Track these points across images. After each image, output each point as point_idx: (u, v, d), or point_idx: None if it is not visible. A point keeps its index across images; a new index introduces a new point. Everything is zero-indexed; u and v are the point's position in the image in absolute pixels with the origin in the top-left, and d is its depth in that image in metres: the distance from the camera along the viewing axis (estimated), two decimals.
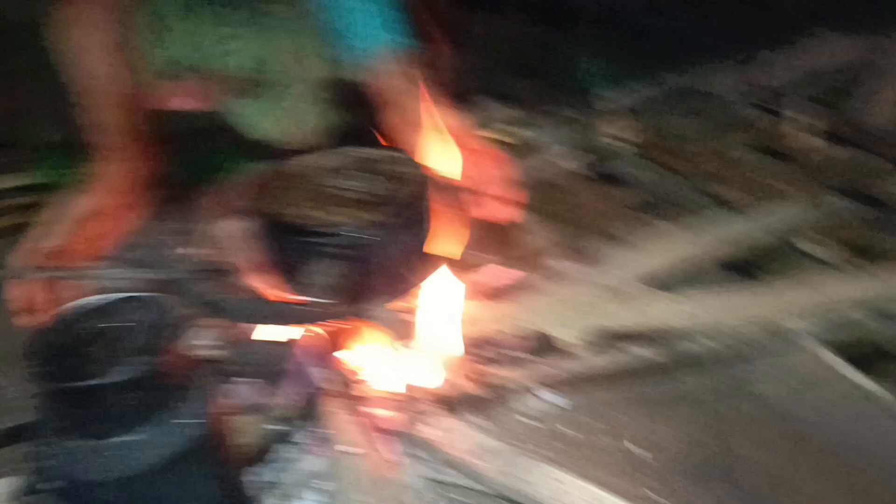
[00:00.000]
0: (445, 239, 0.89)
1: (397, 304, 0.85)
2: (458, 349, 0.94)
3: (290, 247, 0.78)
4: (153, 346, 0.64)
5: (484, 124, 1.63)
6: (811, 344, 1.03)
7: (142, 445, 0.64)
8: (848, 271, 1.17)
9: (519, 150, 1.50)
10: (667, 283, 1.14)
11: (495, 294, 1.06)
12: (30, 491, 0.65)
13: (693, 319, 1.01)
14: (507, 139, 1.57)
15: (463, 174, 0.98)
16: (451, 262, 0.91)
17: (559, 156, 1.53)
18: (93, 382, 0.61)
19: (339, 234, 0.76)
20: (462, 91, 1.90)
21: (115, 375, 0.62)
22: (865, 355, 1.07)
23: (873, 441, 0.93)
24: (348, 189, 0.82)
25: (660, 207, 1.51)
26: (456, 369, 0.91)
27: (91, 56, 1.06)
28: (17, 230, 1.29)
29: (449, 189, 0.89)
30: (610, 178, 1.61)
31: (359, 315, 0.81)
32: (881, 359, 1.08)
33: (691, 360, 1.00)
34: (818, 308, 1.05)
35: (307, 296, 0.72)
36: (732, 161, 1.66)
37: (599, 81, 1.93)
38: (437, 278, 0.88)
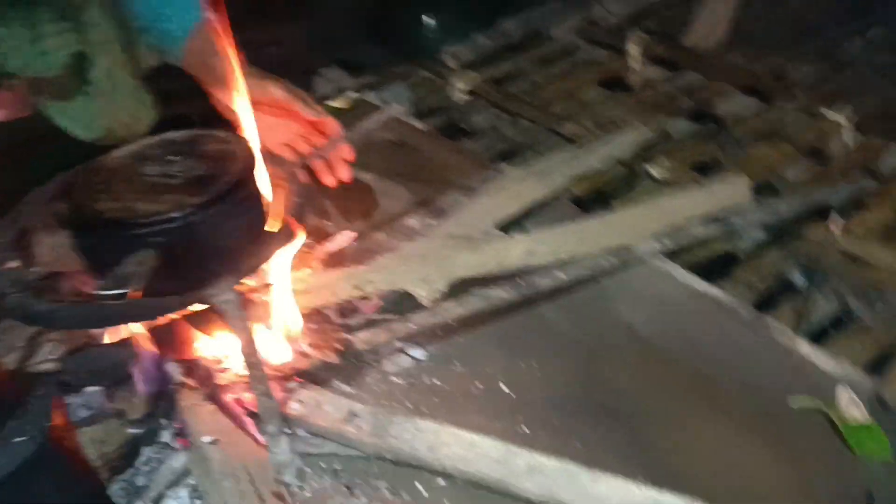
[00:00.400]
0: (287, 212, 0.88)
1: (245, 284, 0.83)
2: (317, 320, 0.94)
3: (117, 242, 0.74)
4: None
5: (332, 93, 1.61)
6: (662, 262, 1.07)
7: None
8: (690, 188, 1.22)
9: (367, 115, 1.48)
10: (522, 226, 1.16)
11: (351, 259, 1.05)
12: None
13: (549, 256, 1.03)
14: (353, 106, 1.55)
15: (295, 143, 0.97)
16: (300, 234, 0.89)
17: (409, 116, 1.53)
18: None
19: (160, 222, 0.73)
20: (309, 63, 1.87)
21: None
22: (712, 265, 1.13)
23: (727, 347, 0.98)
24: (172, 175, 0.79)
25: (512, 154, 1.54)
26: (317, 340, 0.90)
27: None
28: None
29: (281, 161, 0.87)
30: (461, 132, 1.63)
31: (203, 301, 0.79)
32: (726, 266, 1.14)
33: (549, 293, 1.02)
34: (666, 227, 1.09)
35: (99, 291, 0.69)
36: (580, 100, 1.70)
37: (443, 38, 1.93)
38: (285, 252, 0.86)
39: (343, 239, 1.01)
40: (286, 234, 0.85)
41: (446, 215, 1.14)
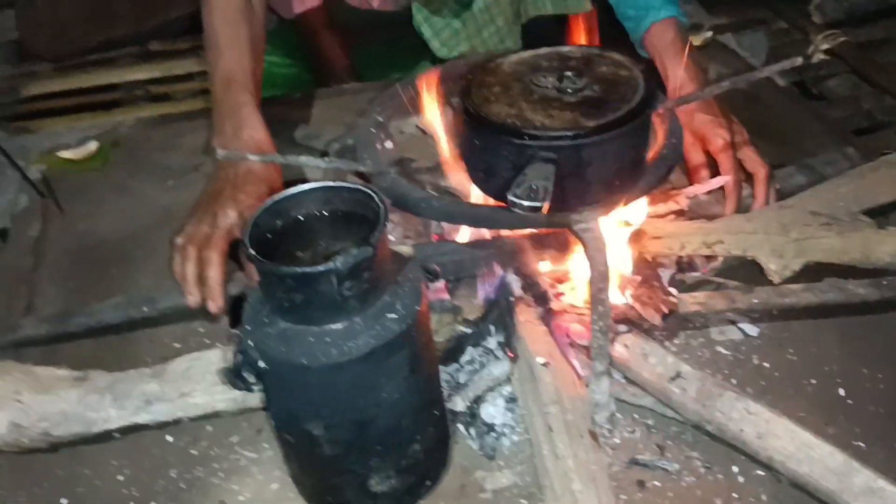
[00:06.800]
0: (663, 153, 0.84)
1: (602, 213, 0.80)
2: (655, 266, 0.90)
3: (501, 148, 0.74)
4: (372, 238, 0.63)
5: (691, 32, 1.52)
6: None
7: (351, 334, 0.64)
8: None
9: (725, 60, 1.38)
10: (892, 220, 1.02)
11: (703, 210, 0.99)
12: (238, 369, 0.67)
13: None
14: (706, 44, 1.44)
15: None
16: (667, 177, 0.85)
17: (768, 68, 1.40)
18: (314, 269, 0.61)
19: (555, 138, 0.72)
20: None
21: (336, 264, 0.61)
22: None
23: None
24: (566, 90, 0.77)
25: (868, 132, 1.38)
26: (644, 294, 0.86)
27: None
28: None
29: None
30: (822, 97, 1.48)
31: (565, 225, 0.78)
32: None
33: None
34: None
35: (514, 200, 0.68)
36: None
37: None
38: (651, 193, 0.82)
39: (717, 182, 0.95)
40: (660, 174, 0.81)
41: (804, 187, 1.04)
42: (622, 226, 0.84)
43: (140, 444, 0.82)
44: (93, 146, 1.27)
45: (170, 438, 0.83)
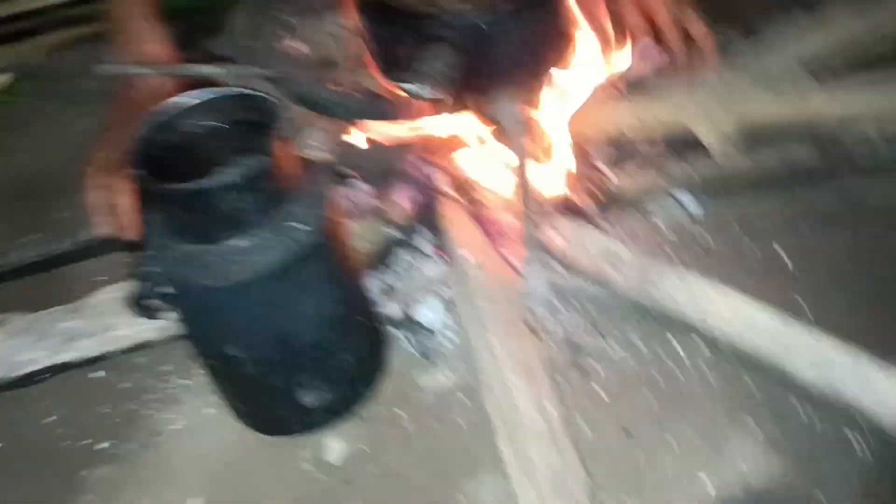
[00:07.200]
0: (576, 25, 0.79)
1: (521, 97, 0.76)
2: (588, 148, 0.86)
3: (404, 33, 0.69)
4: (265, 145, 0.59)
5: None
6: None
7: (255, 249, 0.61)
8: None
9: None
10: (831, 70, 0.98)
11: (636, 83, 0.94)
12: (140, 297, 0.64)
13: (871, 122, 0.87)
14: None
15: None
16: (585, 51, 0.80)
17: None
18: (203, 184, 0.57)
19: (459, 19, 0.66)
20: None
21: (227, 176, 0.57)
22: None
23: None
24: None
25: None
26: (585, 171, 0.83)
27: None
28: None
29: None
30: None
31: (476, 109, 0.74)
32: None
33: (855, 164, 0.87)
34: None
35: (414, 88, 0.64)
36: None
37: None
38: (567, 67, 0.77)
39: (654, 58, 0.88)
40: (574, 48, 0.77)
41: (746, 45, 0.98)
42: (546, 109, 0.80)
43: (70, 382, 0.79)
44: (3, 78, 1.20)
45: (100, 374, 0.80)
